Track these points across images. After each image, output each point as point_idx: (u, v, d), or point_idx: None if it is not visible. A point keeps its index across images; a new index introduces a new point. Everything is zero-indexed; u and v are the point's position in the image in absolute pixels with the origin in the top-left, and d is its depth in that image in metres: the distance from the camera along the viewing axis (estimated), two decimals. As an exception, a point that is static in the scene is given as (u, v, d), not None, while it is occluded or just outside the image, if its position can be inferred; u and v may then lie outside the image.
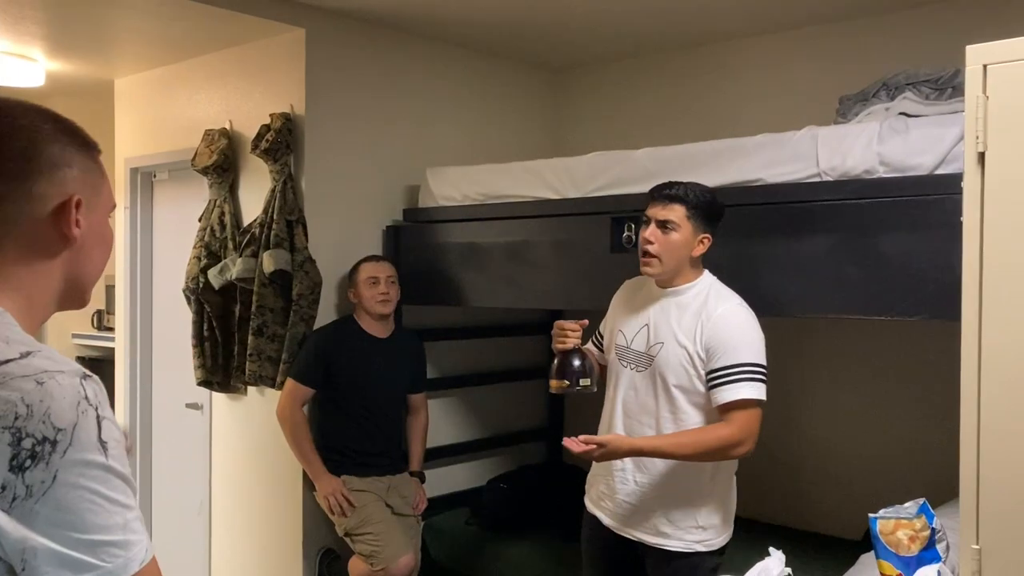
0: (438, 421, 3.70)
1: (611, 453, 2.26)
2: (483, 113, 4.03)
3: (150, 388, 4.21)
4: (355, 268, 3.33)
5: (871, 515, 1.94)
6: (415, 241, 3.57)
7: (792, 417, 3.55)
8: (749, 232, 2.55)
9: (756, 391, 2.22)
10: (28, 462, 0.82)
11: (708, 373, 2.25)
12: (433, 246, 3.49)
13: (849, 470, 3.42)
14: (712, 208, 2.32)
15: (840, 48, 3.43)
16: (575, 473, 3.27)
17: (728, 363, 2.22)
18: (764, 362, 2.25)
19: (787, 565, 1.95)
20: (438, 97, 3.84)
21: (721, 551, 2.39)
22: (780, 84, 3.59)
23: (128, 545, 0.88)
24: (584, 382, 2.34)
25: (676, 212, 2.28)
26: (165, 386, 4.13)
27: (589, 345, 2.56)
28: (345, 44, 3.50)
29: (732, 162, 2.61)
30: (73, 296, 1.05)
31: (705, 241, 2.33)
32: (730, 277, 2.50)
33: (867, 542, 2.11)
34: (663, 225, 2.29)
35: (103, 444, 0.87)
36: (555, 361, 2.37)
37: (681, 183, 2.32)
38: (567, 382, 2.34)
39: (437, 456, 3.72)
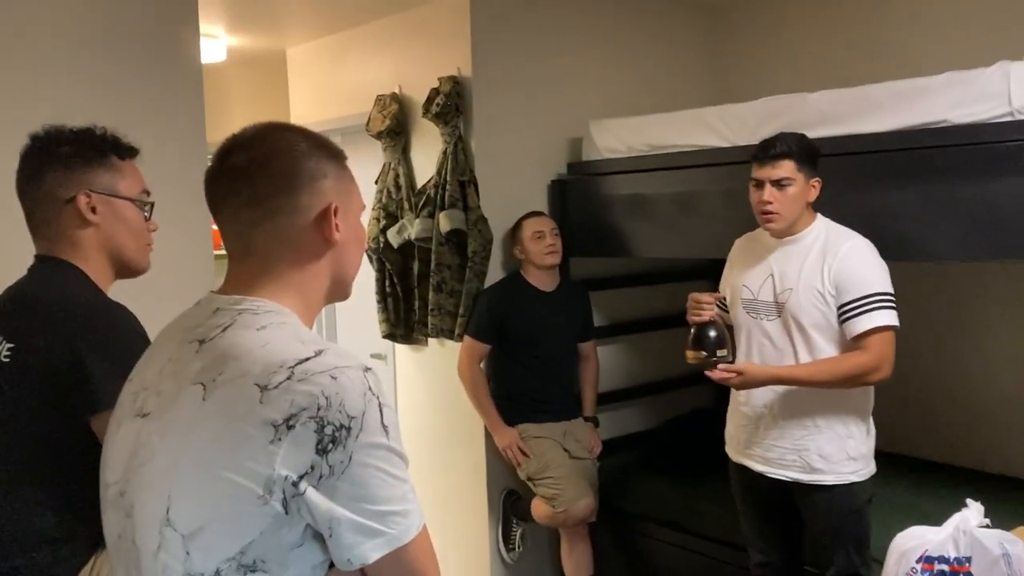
0: (608, 367, 3.78)
1: (749, 380, 2.42)
2: (643, 61, 4.00)
3: (335, 341, 4.50)
4: (517, 225, 3.44)
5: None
6: (580, 194, 3.63)
7: (975, 359, 3.44)
8: (934, 175, 2.47)
9: (889, 318, 2.32)
10: (330, 446, 0.96)
11: (840, 307, 2.35)
12: (598, 198, 3.54)
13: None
14: (814, 152, 2.45)
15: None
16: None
17: (859, 295, 2.33)
18: (892, 290, 2.35)
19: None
20: (597, 49, 3.85)
21: (872, 480, 2.47)
22: (961, 16, 3.37)
23: (408, 514, 1.03)
24: (721, 352, 2.43)
25: (787, 168, 2.39)
26: (350, 339, 4.41)
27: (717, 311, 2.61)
28: (507, 3, 3.55)
29: (915, 103, 2.52)
30: (338, 291, 1.18)
31: (816, 185, 2.44)
32: (912, 222, 2.45)
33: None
34: (778, 184, 2.39)
35: (385, 428, 1.01)
36: (691, 332, 2.46)
37: (780, 138, 2.43)
38: (704, 353, 2.43)
39: (609, 401, 3.82)
